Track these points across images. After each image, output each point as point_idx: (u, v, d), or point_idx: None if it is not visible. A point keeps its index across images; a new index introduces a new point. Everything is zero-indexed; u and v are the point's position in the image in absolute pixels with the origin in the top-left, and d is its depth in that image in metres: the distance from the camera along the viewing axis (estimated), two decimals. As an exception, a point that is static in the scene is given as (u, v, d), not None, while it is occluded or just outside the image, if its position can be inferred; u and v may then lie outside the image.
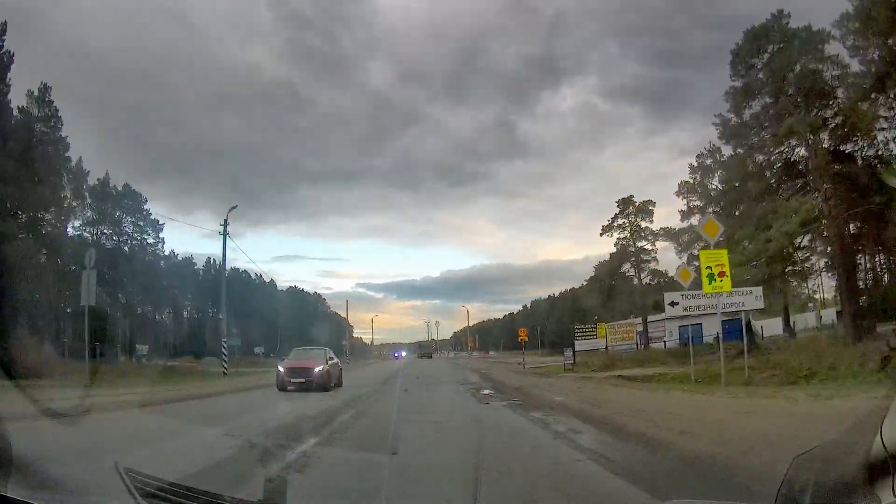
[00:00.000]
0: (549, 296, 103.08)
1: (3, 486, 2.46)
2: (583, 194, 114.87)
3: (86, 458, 5.56)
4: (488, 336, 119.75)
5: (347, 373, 30.82)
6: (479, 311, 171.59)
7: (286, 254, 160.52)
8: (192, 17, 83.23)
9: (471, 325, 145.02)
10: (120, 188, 45.13)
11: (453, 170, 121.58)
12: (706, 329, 35.61)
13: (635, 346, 35.86)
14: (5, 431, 3.28)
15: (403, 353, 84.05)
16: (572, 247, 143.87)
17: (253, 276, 75.21)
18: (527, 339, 39.09)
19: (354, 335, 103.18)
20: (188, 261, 66.90)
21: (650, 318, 42.12)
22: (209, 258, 70.57)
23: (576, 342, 32.46)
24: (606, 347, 34.90)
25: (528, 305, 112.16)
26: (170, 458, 5.88)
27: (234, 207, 30.79)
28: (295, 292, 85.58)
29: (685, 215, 33.23)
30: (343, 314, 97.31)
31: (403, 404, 12.33)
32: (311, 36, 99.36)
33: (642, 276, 41.62)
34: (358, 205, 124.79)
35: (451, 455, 6.31)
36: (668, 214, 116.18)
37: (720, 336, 15.54)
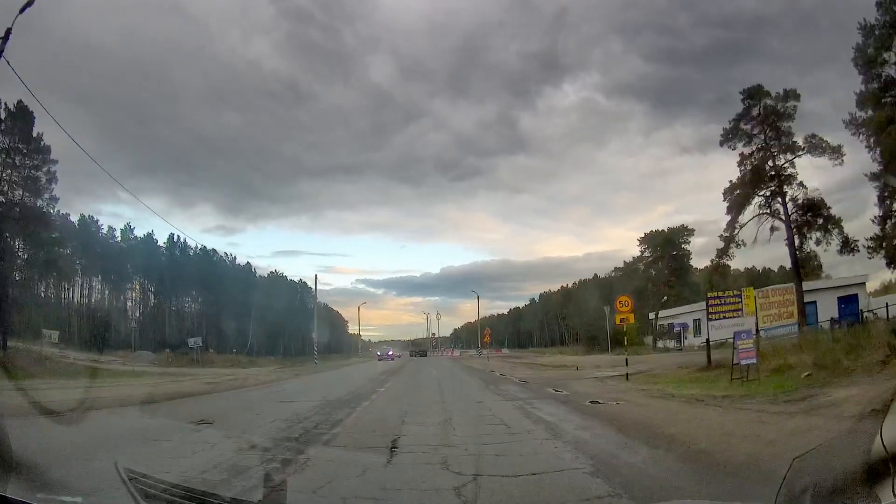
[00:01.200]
0: (562, 286, 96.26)
1: (3, 486, 2.46)
2: (584, 190, 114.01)
3: None
4: (492, 332, 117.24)
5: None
6: (480, 307, 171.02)
7: (287, 249, 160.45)
8: (193, 10, 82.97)
9: (470, 321, 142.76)
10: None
11: (455, 165, 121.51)
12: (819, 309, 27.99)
13: (796, 326, 23.05)
14: (5, 432, 3.28)
15: (392, 352, 68.05)
16: (573, 243, 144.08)
17: (225, 256, 66.98)
18: (632, 320, 24.65)
19: (354, 332, 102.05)
20: (148, 238, 57.52)
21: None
22: (171, 234, 60.24)
23: (711, 323, 18.12)
24: (757, 330, 20.16)
25: (537, 298, 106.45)
26: None
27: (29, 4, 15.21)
28: (276, 279, 76.24)
29: (864, 102, 21.43)
30: (340, 310, 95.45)
31: None
32: (312, 30, 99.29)
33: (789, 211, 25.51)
34: (359, 200, 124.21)
35: None
36: (668, 212, 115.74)
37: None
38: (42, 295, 43.75)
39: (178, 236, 61.85)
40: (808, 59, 69.84)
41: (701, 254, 51.52)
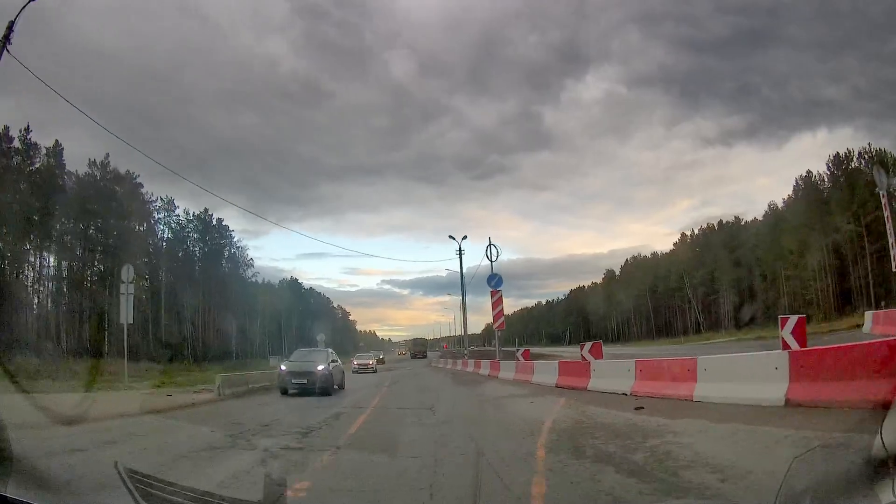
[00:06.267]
0: (653, 253, 72.64)
1: (3, 486, 2.46)
2: (607, 186, 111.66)
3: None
4: (523, 324, 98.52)
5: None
6: (504, 306, 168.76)
7: (311, 251, 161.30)
8: (206, 9, 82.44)
9: (506, 314, 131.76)
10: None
11: (476, 163, 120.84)
12: None
13: None
14: (5, 432, 3.28)
15: (372, 362, 33.87)
16: (596, 239, 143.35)
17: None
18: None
19: (373, 331, 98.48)
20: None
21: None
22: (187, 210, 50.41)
23: None
24: None
25: (602, 279, 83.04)
26: None
27: None
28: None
29: None
30: (365, 311, 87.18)
31: None
32: (328, 27, 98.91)
33: None
34: (380, 201, 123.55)
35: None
36: (692, 206, 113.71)
37: None
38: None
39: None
40: (827, 46, 68.69)
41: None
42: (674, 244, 67.85)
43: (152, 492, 2.69)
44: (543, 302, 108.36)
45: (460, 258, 31.90)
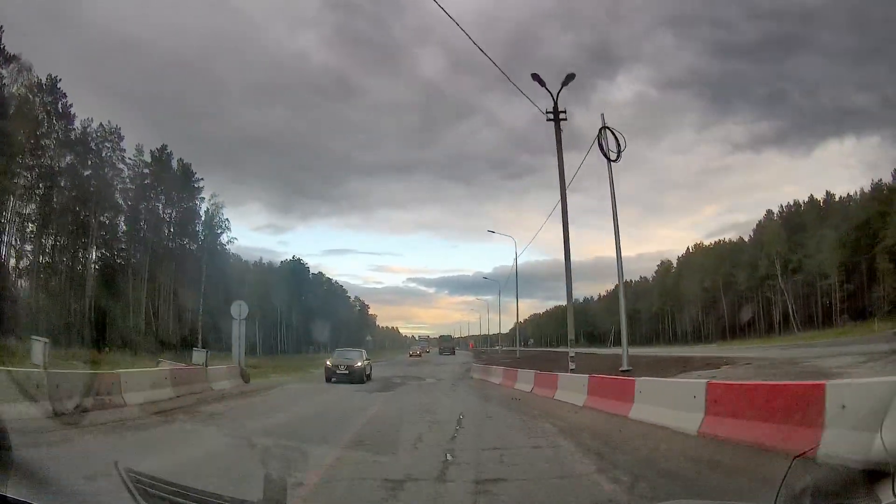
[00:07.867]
0: (719, 241, 65.55)
1: (3, 486, 2.45)
2: (637, 189, 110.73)
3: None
4: (556, 324, 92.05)
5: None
6: (531, 307, 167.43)
7: (338, 248, 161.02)
8: (237, 3, 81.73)
9: (538, 313, 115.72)
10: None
11: (507, 162, 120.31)
12: None
13: None
14: (5, 431, 3.27)
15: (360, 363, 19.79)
16: (624, 243, 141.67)
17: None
18: None
19: (397, 328, 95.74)
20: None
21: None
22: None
23: None
24: None
25: (655, 271, 76.81)
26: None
27: None
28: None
29: None
30: (390, 308, 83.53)
31: None
32: (360, 23, 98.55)
33: None
34: (409, 198, 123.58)
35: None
36: (718, 212, 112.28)
37: None
38: None
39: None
40: (858, 54, 67.56)
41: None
42: (757, 224, 59.69)
43: (152, 491, 2.68)
44: (581, 299, 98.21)
45: (556, 118, 16.96)
